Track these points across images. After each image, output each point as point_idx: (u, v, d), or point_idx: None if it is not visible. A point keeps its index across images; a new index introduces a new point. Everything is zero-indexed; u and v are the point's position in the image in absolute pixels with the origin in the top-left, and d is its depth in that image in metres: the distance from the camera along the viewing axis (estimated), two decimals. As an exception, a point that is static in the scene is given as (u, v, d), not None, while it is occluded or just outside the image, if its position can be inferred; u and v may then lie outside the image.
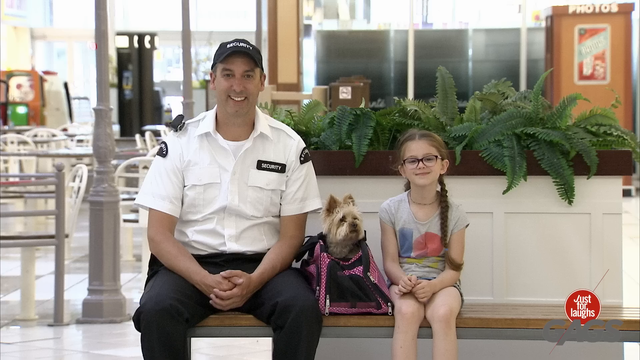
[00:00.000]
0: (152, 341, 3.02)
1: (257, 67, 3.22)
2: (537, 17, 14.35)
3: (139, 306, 3.07)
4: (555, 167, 3.39)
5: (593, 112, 3.49)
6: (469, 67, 14.15)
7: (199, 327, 3.15)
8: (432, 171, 3.21)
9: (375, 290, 3.14)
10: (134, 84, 16.66)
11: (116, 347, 4.97)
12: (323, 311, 3.10)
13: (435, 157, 3.20)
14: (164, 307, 3.01)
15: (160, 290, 3.07)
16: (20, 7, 19.70)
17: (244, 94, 3.21)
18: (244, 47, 3.20)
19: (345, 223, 3.16)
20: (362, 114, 3.46)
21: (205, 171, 3.23)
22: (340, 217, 3.17)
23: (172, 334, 3.02)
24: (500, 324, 3.18)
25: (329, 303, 3.10)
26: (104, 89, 5.53)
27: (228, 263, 3.20)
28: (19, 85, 15.63)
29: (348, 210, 3.18)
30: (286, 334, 3.05)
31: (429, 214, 3.23)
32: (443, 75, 3.57)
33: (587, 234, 3.44)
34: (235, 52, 3.19)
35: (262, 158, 3.25)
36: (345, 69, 12.81)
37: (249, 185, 3.24)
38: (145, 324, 3.02)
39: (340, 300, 3.12)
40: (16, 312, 5.59)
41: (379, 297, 3.14)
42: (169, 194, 3.21)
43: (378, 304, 3.13)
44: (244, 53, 3.19)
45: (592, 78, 11.80)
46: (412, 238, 3.24)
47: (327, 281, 3.11)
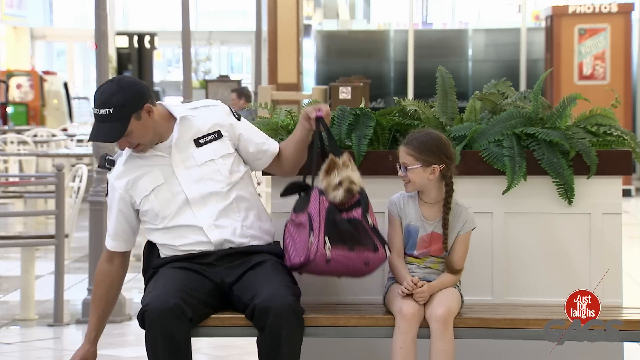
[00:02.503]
0: (156, 340, 3.01)
1: (128, 125, 3.12)
2: (537, 17, 14.36)
3: (144, 304, 3.06)
4: (555, 167, 3.39)
5: (593, 112, 3.48)
6: (469, 67, 14.15)
7: (199, 327, 3.15)
8: (412, 180, 3.19)
9: (374, 233, 3.11)
10: (134, 84, 16.61)
11: (116, 347, 4.96)
12: (324, 256, 3.05)
13: (413, 167, 3.17)
14: (168, 307, 3.01)
15: (165, 288, 3.07)
16: (20, 7, 19.70)
17: (132, 145, 3.20)
18: (102, 114, 3.13)
19: (341, 188, 3.12)
20: (362, 114, 3.45)
21: (146, 179, 3.21)
22: (337, 181, 3.13)
23: (176, 333, 3.01)
24: (500, 324, 3.18)
25: (329, 245, 3.05)
26: (103, 89, 5.55)
27: (219, 260, 3.18)
28: (19, 85, 15.62)
29: (345, 175, 3.13)
30: (267, 336, 3.03)
31: (437, 213, 3.23)
32: (443, 75, 3.56)
33: (587, 234, 3.43)
34: (95, 126, 3.18)
35: (196, 136, 3.23)
36: (345, 69, 12.81)
37: (200, 165, 3.21)
38: (150, 323, 3.02)
39: (339, 243, 3.07)
40: (16, 312, 5.59)
41: (377, 239, 3.11)
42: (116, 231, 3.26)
43: (375, 247, 3.10)
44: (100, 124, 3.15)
45: (592, 78, 11.80)
46: (417, 235, 3.23)
47: (327, 224, 3.07)
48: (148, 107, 3.19)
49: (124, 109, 3.15)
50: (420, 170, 3.18)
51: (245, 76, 19.40)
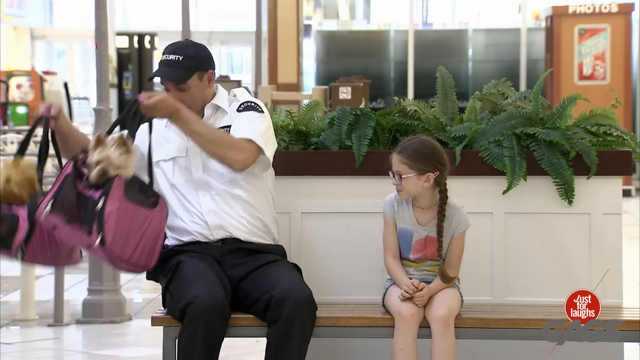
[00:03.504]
0: (196, 335, 2.95)
1: (191, 77, 3.15)
2: (537, 17, 14.34)
3: (190, 296, 2.97)
4: (555, 167, 3.38)
5: (593, 112, 3.48)
6: (469, 67, 14.15)
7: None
8: (404, 189, 3.16)
9: (97, 218, 2.88)
10: (134, 84, 16.64)
11: (116, 348, 4.95)
12: (40, 215, 2.91)
13: (406, 175, 3.14)
14: (216, 304, 2.96)
15: (209, 283, 3.01)
16: (20, 7, 19.69)
17: (185, 104, 3.17)
18: (170, 59, 3.15)
19: (97, 167, 2.96)
20: (362, 114, 3.45)
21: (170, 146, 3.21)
22: (95, 159, 2.96)
23: (217, 331, 2.98)
24: (500, 324, 3.17)
25: (49, 208, 2.90)
26: (104, 89, 5.52)
27: (225, 255, 3.16)
28: (19, 85, 15.61)
29: (105, 155, 2.95)
30: (280, 327, 3.01)
31: (431, 218, 3.21)
32: (443, 76, 3.56)
33: (587, 234, 3.43)
34: (158, 69, 3.17)
35: (217, 126, 3.23)
36: (345, 69, 12.80)
37: None
38: (193, 316, 2.95)
39: (59, 212, 2.91)
40: (16, 312, 5.58)
41: (95, 225, 2.87)
42: None
43: (89, 230, 2.88)
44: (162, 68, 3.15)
45: (592, 78, 11.80)
46: (411, 240, 3.21)
47: (58, 189, 2.94)
48: (211, 73, 3.21)
49: (193, 61, 3.16)
50: (414, 178, 3.16)
51: (245, 76, 19.38)
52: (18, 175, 3.06)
